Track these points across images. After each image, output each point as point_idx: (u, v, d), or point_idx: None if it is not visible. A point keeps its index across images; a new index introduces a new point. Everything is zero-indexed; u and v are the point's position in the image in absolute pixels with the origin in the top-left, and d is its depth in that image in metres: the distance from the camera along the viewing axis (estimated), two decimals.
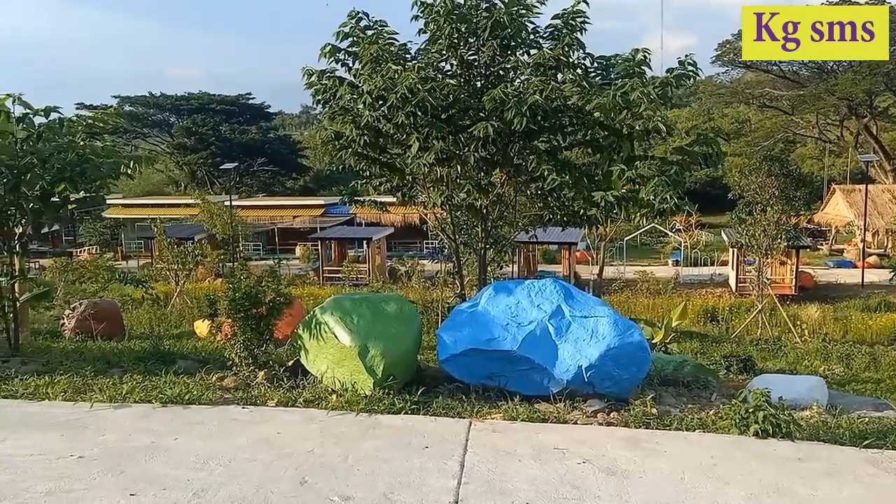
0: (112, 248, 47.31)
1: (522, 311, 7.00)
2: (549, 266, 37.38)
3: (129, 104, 69.21)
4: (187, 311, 22.76)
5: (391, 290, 25.40)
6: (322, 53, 9.16)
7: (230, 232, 38.87)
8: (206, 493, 4.49)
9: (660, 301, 26.36)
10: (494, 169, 9.35)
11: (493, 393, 6.68)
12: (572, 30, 8.88)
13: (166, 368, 7.69)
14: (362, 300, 7.32)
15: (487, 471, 4.91)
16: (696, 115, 62.12)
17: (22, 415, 6.07)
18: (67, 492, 4.50)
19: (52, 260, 27.29)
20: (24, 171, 7.95)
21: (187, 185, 69.01)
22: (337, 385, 6.70)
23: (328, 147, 9.87)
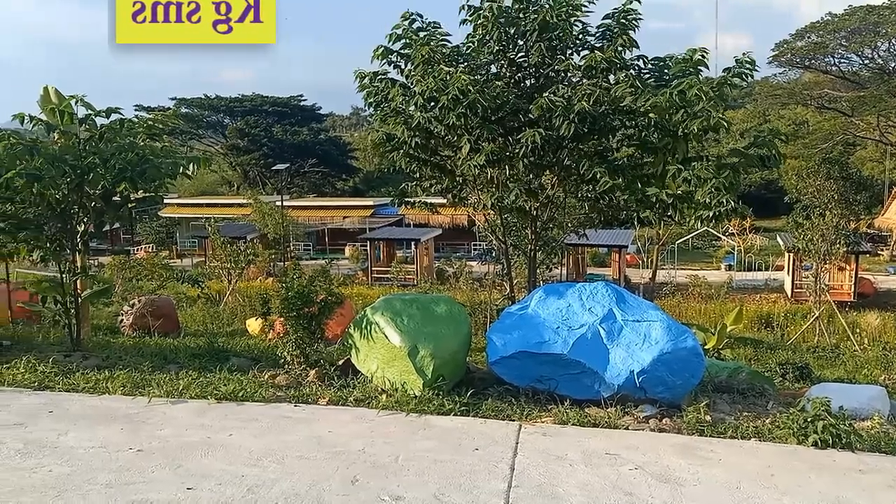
0: (167, 246, 48.48)
1: (573, 315, 6.94)
2: (598, 269, 36.99)
3: (185, 106, 70.79)
4: (239, 309, 23.14)
5: (439, 291, 25.46)
6: (374, 55, 9.22)
7: (281, 232, 39.45)
8: (260, 489, 4.56)
9: (712, 306, 25.88)
10: (544, 171, 9.29)
11: (543, 396, 6.64)
12: (624, 29, 8.77)
13: (220, 365, 7.86)
14: (412, 301, 7.35)
15: (538, 474, 4.88)
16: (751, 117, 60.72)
17: (83, 408, 6.25)
18: (127, 484, 4.62)
19: (110, 258, 28.02)
20: (86, 171, 8.18)
21: (240, 185, 70.24)
22: (387, 385, 6.75)
23: (379, 149, 9.93)
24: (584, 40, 9.08)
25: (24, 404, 6.29)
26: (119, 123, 8.75)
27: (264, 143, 69.01)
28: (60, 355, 8.11)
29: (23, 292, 12.69)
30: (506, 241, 10.56)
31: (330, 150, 72.33)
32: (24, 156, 7.93)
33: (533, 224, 9.75)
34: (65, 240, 8.71)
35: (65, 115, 8.36)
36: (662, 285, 30.95)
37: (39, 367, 7.31)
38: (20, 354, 7.89)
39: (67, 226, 8.69)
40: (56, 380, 7.01)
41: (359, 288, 30.70)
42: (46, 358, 7.67)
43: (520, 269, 13.26)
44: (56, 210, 8.43)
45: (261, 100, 72.95)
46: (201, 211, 48.82)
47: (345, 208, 52.56)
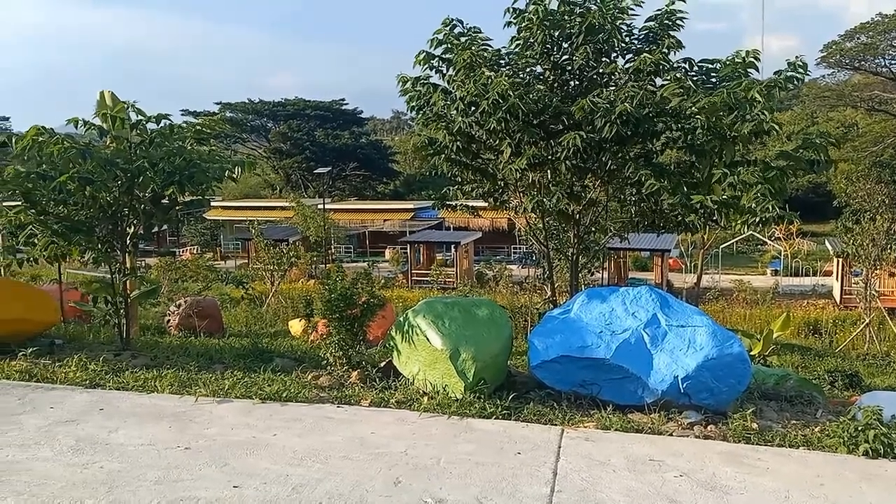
0: (211, 248, 49.34)
1: (616, 319, 6.89)
2: (640, 273, 36.63)
3: (229, 110, 72.00)
4: (282, 310, 23.44)
5: (478, 294, 25.44)
6: (416, 60, 9.28)
7: (323, 234, 39.83)
8: (304, 489, 4.61)
9: (757, 312, 25.42)
10: (587, 174, 9.23)
11: (585, 401, 6.60)
12: (667, 30, 8.68)
13: (264, 366, 7.96)
14: (454, 304, 7.36)
15: (581, 479, 4.85)
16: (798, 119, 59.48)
17: (133, 406, 6.40)
18: (175, 481, 4.72)
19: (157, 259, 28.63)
20: (136, 175, 8.36)
21: (282, 188, 71.18)
22: (428, 387, 6.77)
23: (421, 152, 9.98)
24: (630, 43, 9.01)
25: (76, 402, 6.46)
26: (169, 128, 8.94)
27: (306, 147, 69.86)
28: (110, 354, 8.31)
29: (74, 292, 13.04)
30: (547, 244, 10.51)
31: (371, 153, 72.89)
32: (78, 159, 8.15)
33: (575, 227, 9.69)
34: (115, 241, 8.92)
35: (117, 120, 8.56)
36: (706, 290, 30.48)
37: (90, 366, 7.50)
38: (72, 353, 8.11)
39: (118, 228, 8.90)
40: (106, 378, 7.18)
41: (399, 291, 30.86)
42: (97, 357, 7.87)
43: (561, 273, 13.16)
44: (107, 212, 8.64)
45: (303, 104, 73.90)
46: (245, 214, 49.61)
47: (385, 211, 52.90)
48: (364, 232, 51.22)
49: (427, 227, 47.36)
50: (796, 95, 60.12)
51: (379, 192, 73.64)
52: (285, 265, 26.00)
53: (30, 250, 8.70)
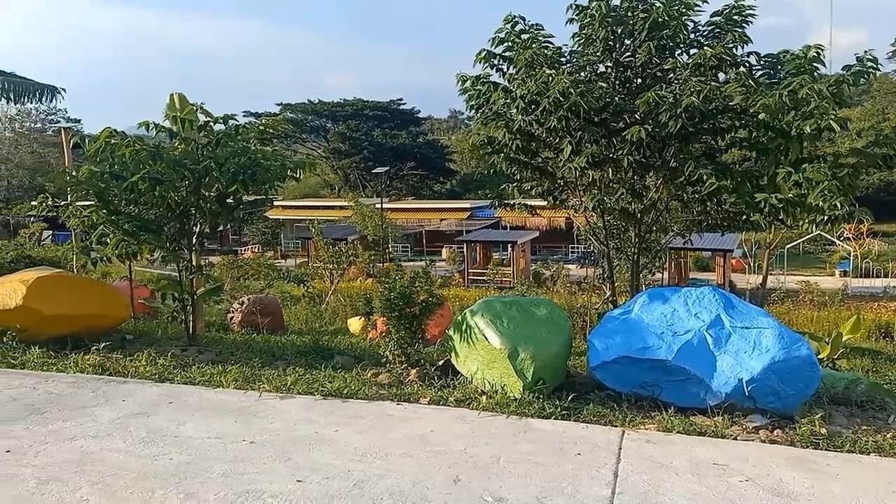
0: (272, 247, 50.28)
1: (679, 320, 6.78)
2: (701, 273, 35.89)
3: (290, 111, 73.27)
4: (340, 308, 23.73)
5: (536, 293, 25.31)
6: (477, 59, 9.30)
7: (380, 234, 40.21)
8: (365, 485, 4.68)
9: (825, 314, 24.59)
10: (649, 172, 9.11)
11: (646, 403, 6.51)
12: (735, 26, 8.49)
13: (325, 363, 8.10)
14: (512, 303, 7.35)
15: (643, 482, 4.79)
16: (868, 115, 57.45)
17: (200, 400, 6.58)
18: (241, 474, 4.84)
19: (220, 257, 29.31)
20: (203, 175, 8.62)
21: (341, 188, 72.11)
22: (487, 386, 6.77)
23: (480, 151, 10.00)
24: (695, 39, 8.86)
25: (146, 395, 6.68)
26: (234, 129, 9.16)
27: (365, 147, 70.61)
28: (178, 349, 8.56)
29: (143, 289, 13.48)
30: (608, 243, 10.42)
31: (428, 153, 73.23)
32: (148, 161, 8.43)
33: (636, 226, 9.58)
34: (183, 240, 9.19)
35: (185, 122, 8.81)
36: (771, 291, 29.69)
37: (159, 361, 7.74)
38: (142, 348, 8.39)
39: (185, 227, 9.17)
40: (174, 373, 7.41)
41: (455, 290, 30.91)
42: (165, 352, 8.12)
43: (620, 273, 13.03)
44: (175, 212, 8.91)
45: (362, 104, 74.68)
46: (304, 213, 50.45)
47: (442, 210, 53.09)
48: (421, 231, 51.50)
49: (484, 226, 47.33)
50: (866, 91, 58.05)
51: (436, 191, 73.92)
52: (344, 264, 26.30)
53: (102, 249, 9.03)
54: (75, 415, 6.06)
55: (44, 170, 62.78)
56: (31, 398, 6.49)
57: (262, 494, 4.50)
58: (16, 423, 5.81)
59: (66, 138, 12.84)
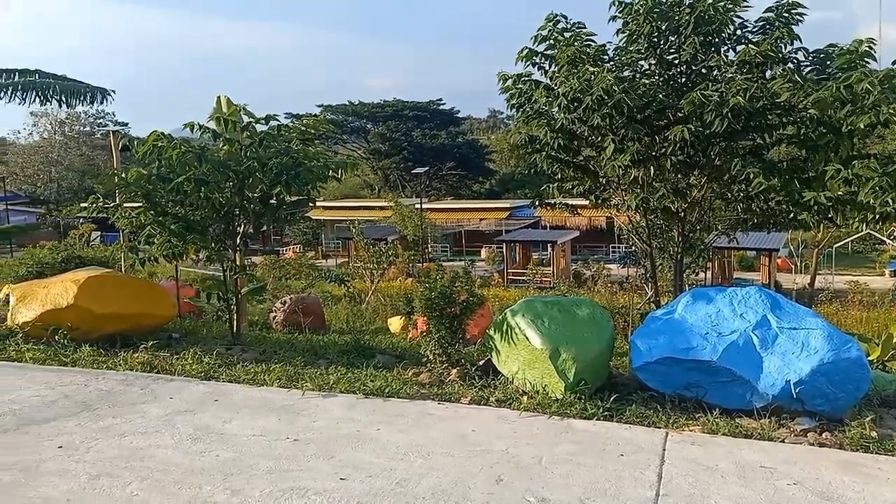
0: (313, 247, 50.78)
1: (724, 320, 6.67)
2: (745, 273, 35.26)
3: (330, 112, 73.91)
4: (381, 308, 23.86)
5: (576, 293, 25.14)
6: (518, 57, 9.27)
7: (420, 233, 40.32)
8: (408, 483, 4.70)
9: (875, 315, 23.95)
10: (693, 171, 8.98)
11: (690, 404, 6.42)
12: (786, 23, 8.32)
13: (366, 362, 8.15)
14: (554, 303, 7.31)
15: (687, 484, 4.73)
16: None
17: (244, 398, 6.68)
18: (286, 471, 4.90)
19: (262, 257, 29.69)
20: (247, 175, 8.74)
21: (381, 188, 72.49)
22: (528, 387, 6.75)
23: (520, 151, 9.97)
24: (742, 35, 8.69)
25: (192, 392, 6.80)
26: (276, 129, 9.28)
27: (404, 147, 70.88)
28: (222, 348, 8.70)
29: (189, 289, 13.73)
30: (650, 243, 10.29)
31: (467, 152, 73.21)
32: (194, 162, 8.58)
33: (680, 225, 9.45)
34: (227, 240, 9.34)
35: (229, 123, 8.95)
36: (819, 291, 29.01)
37: (205, 359, 7.87)
38: (188, 346, 8.54)
39: (230, 227, 9.31)
40: (220, 371, 7.53)
41: (495, 290, 30.84)
42: (210, 350, 8.25)
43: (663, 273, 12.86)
44: (220, 213, 9.05)
45: (401, 105, 74.99)
46: (345, 213, 50.84)
47: (481, 210, 53.04)
48: (460, 231, 51.52)
49: (523, 225, 47.16)
50: None
51: (475, 191, 73.85)
52: (384, 264, 26.45)
53: (149, 249, 9.23)
54: (125, 411, 6.21)
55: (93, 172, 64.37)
56: (83, 395, 6.67)
57: (306, 492, 4.56)
58: (68, 420, 5.97)
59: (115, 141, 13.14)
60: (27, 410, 6.21)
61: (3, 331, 9.09)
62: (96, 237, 48.06)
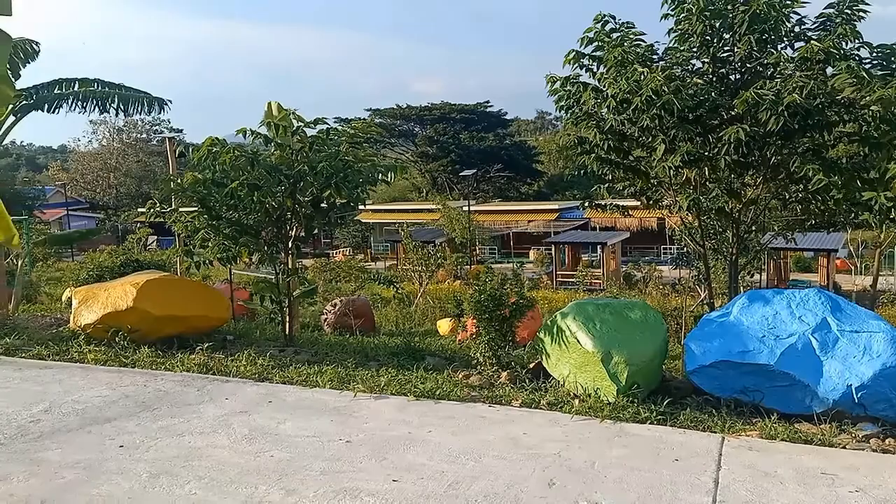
0: (362, 249, 51.25)
1: (781, 323, 6.52)
2: (802, 274, 34.37)
3: (378, 116, 74.55)
4: (429, 310, 23.93)
5: (627, 295, 24.82)
6: (566, 60, 9.21)
7: (468, 236, 40.34)
8: (460, 486, 4.70)
9: None
10: (748, 171, 8.78)
11: (747, 408, 6.30)
12: (847, 19, 8.08)
13: (417, 364, 8.18)
14: (605, 306, 7.24)
15: (745, 491, 4.63)
16: None
17: (297, 399, 6.77)
18: (339, 472, 4.95)
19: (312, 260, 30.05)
20: (298, 179, 8.87)
21: (429, 191, 72.74)
22: (579, 390, 6.69)
23: (569, 152, 9.90)
24: (800, 32, 8.47)
25: (247, 393, 6.93)
26: (325, 133, 9.39)
27: (452, 150, 71.04)
28: (275, 350, 8.83)
29: (242, 291, 13.98)
30: (704, 244, 10.10)
31: (515, 154, 73.03)
32: (246, 167, 8.74)
33: (735, 226, 9.26)
34: (279, 244, 9.49)
35: (280, 128, 9.09)
36: (881, 293, 28.11)
37: (259, 361, 8.00)
38: (242, 348, 8.69)
39: (282, 231, 9.46)
40: (273, 372, 7.64)
41: (543, 292, 30.66)
42: (264, 352, 8.39)
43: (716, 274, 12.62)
44: (272, 216, 9.20)
45: (449, 108, 75.19)
46: (393, 216, 51.22)
47: (529, 212, 52.86)
48: (508, 233, 51.39)
49: (572, 227, 46.81)
50: None
51: (523, 192, 73.61)
52: (433, 266, 26.52)
53: (204, 252, 9.44)
54: (182, 412, 6.35)
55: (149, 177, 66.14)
56: (143, 395, 6.85)
57: (359, 493, 4.60)
58: (129, 420, 6.14)
59: (171, 147, 13.47)
60: (90, 410, 6.40)
61: (66, 332, 9.39)
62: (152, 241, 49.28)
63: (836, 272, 31.61)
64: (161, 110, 13.53)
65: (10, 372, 7.76)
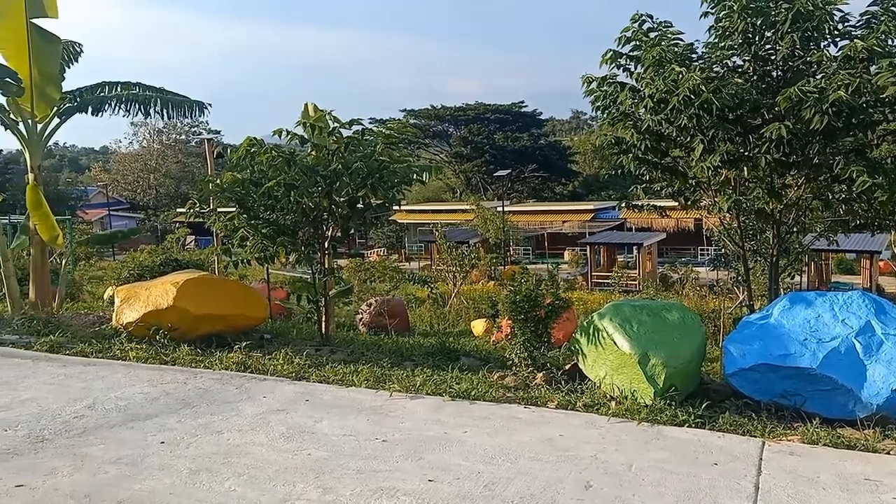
0: (396, 250, 51.43)
1: (823, 326, 6.40)
2: (844, 276, 33.68)
3: (413, 117, 74.79)
4: (463, 310, 23.94)
5: (664, 297, 24.56)
6: (603, 59, 9.15)
7: (502, 236, 40.26)
8: (496, 486, 4.70)
9: None
10: (789, 170, 8.63)
11: (787, 413, 6.20)
12: (893, 16, 7.90)
13: (451, 364, 8.18)
14: (642, 307, 7.18)
15: (787, 496, 4.55)
16: None
17: (334, 398, 6.82)
18: (375, 472, 4.98)
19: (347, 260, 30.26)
20: (334, 180, 8.93)
21: (463, 191, 72.77)
22: (616, 392, 6.64)
23: (606, 153, 9.84)
24: (844, 30, 8.31)
25: (284, 392, 7.00)
26: (361, 133, 9.45)
27: (486, 150, 70.99)
28: (312, 349, 8.91)
29: (279, 291, 14.15)
30: (743, 245, 9.95)
31: (550, 154, 72.73)
32: (283, 167, 8.84)
33: (775, 227, 9.10)
34: (316, 244, 9.57)
35: (315, 128, 9.18)
36: None
37: (295, 360, 8.07)
38: (279, 347, 8.78)
39: (318, 231, 9.55)
40: (310, 371, 7.71)
41: (578, 293, 30.47)
42: (301, 351, 8.47)
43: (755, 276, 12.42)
44: (309, 217, 9.28)
45: (483, 108, 75.14)
46: (427, 217, 51.32)
47: (564, 212, 52.57)
48: (543, 233, 51.16)
49: (607, 227, 46.43)
50: None
51: (557, 193, 73.25)
52: (467, 266, 26.53)
53: (242, 252, 9.56)
54: (221, 409, 6.44)
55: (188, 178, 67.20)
56: (183, 393, 6.96)
57: (395, 492, 4.62)
58: (169, 416, 6.24)
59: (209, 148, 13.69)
60: (132, 406, 6.53)
61: (108, 330, 9.59)
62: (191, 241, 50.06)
63: (880, 274, 30.90)
64: (201, 113, 13.72)
65: (55, 369, 7.95)
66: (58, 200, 49.03)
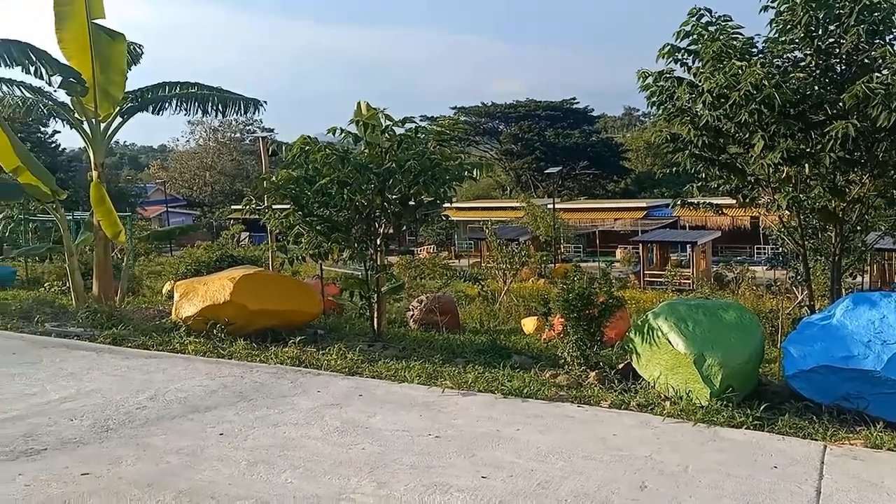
0: (446, 247, 51.55)
1: (889, 328, 6.19)
2: None
3: (463, 114, 74.79)
4: (514, 308, 23.84)
5: (719, 296, 24.07)
6: (660, 54, 9.01)
7: (552, 234, 40.01)
8: (549, 485, 4.68)
9: None
10: (854, 168, 8.37)
11: (850, 416, 6.02)
12: None
13: (503, 362, 8.17)
14: (698, 306, 7.06)
15: (850, 501, 4.43)
16: None
17: (386, 393, 6.88)
18: (428, 467, 5.01)
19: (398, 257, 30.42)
20: (387, 177, 9.00)
21: (512, 188, 72.53)
22: (670, 392, 6.55)
23: (661, 149, 9.69)
24: None
25: (338, 387, 7.09)
26: (413, 131, 9.51)
27: (536, 147, 70.59)
28: (364, 344, 9.00)
29: (332, 287, 14.32)
30: (804, 244, 9.69)
31: (601, 151, 71.94)
32: (337, 164, 8.94)
33: (838, 226, 8.84)
34: (369, 240, 9.66)
35: (369, 126, 9.26)
36: None
37: (349, 355, 8.17)
38: (332, 342, 8.90)
39: (371, 228, 9.63)
40: (363, 366, 7.79)
41: (631, 292, 30.08)
42: (354, 346, 8.57)
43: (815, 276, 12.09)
44: (362, 214, 9.37)
45: (534, 105, 74.76)
46: (477, 214, 51.25)
47: (616, 210, 51.98)
48: (594, 231, 50.67)
49: (660, 225, 45.74)
50: None
51: (609, 190, 72.43)
52: (517, 264, 26.43)
53: (297, 248, 9.71)
54: (277, 403, 6.56)
55: (242, 176, 68.47)
56: (240, 386, 7.11)
57: (448, 488, 4.64)
58: (227, 409, 6.38)
59: (264, 146, 13.92)
60: (192, 399, 6.70)
61: (167, 324, 9.85)
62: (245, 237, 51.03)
63: None
64: (256, 111, 13.97)
65: (118, 361, 8.20)
66: (118, 197, 50.46)
